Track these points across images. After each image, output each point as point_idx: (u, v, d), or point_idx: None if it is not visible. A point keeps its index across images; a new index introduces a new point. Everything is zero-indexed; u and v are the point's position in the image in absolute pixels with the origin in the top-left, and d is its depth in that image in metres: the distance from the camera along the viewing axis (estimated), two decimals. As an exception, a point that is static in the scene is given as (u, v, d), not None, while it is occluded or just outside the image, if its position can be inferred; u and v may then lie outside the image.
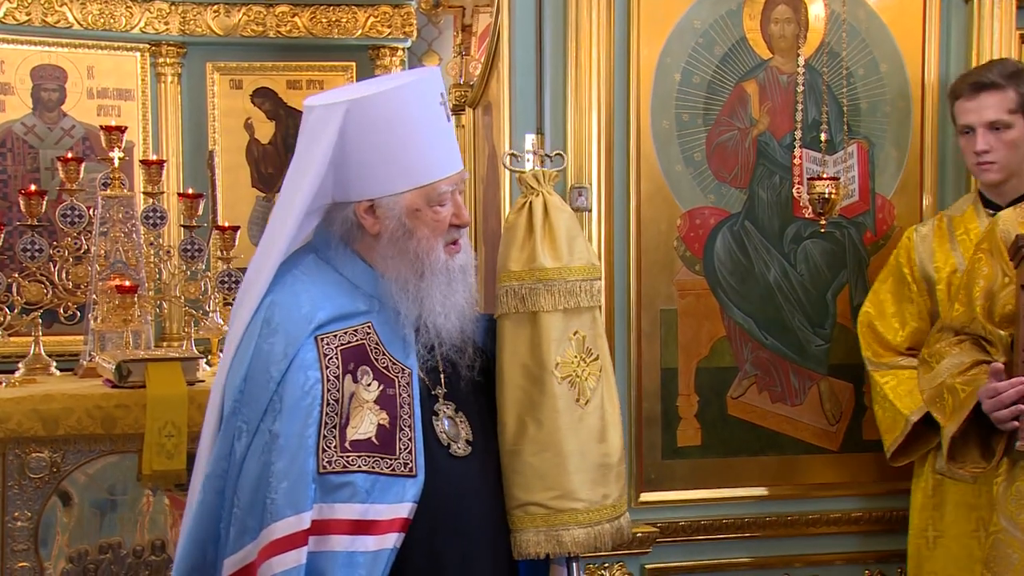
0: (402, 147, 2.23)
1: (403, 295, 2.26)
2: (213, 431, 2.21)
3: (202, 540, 2.16)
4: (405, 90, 2.26)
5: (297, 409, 2.11)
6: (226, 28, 6.97)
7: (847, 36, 3.59)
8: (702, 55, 3.57)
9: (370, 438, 2.16)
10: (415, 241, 2.26)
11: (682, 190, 3.57)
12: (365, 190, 2.24)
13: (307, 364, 2.14)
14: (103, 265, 4.44)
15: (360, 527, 2.12)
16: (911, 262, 3.44)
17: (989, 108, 3.30)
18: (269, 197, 7.07)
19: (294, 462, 2.08)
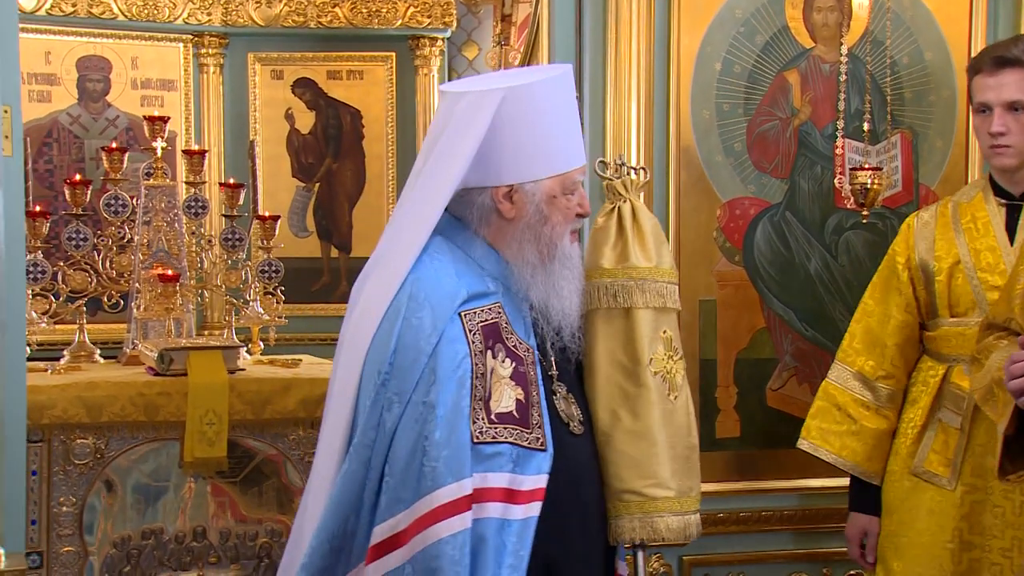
0: (547, 135, 2.32)
1: (533, 279, 2.33)
2: (349, 403, 2.23)
3: (345, 510, 2.18)
4: (555, 82, 2.35)
5: (451, 380, 2.16)
6: (267, 19, 7.01)
7: (891, 24, 3.55)
8: (743, 44, 3.53)
9: (511, 411, 2.22)
10: (549, 227, 2.33)
11: (722, 180, 3.54)
12: (507, 175, 2.31)
13: (455, 338, 2.19)
14: (146, 254, 4.44)
15: (510, 496, 2.19)
16: (908, 249, 3.22)
17: (1010, 86, 3.03)
18: (309, 187, 7.13)
19: (453, 431, 2.13)
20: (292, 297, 5.16)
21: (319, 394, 3.95)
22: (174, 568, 3.88)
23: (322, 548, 2.16)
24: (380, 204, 7.12)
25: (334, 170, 7.17)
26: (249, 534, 3.95)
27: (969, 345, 3.01)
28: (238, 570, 3.93)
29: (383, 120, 7.15)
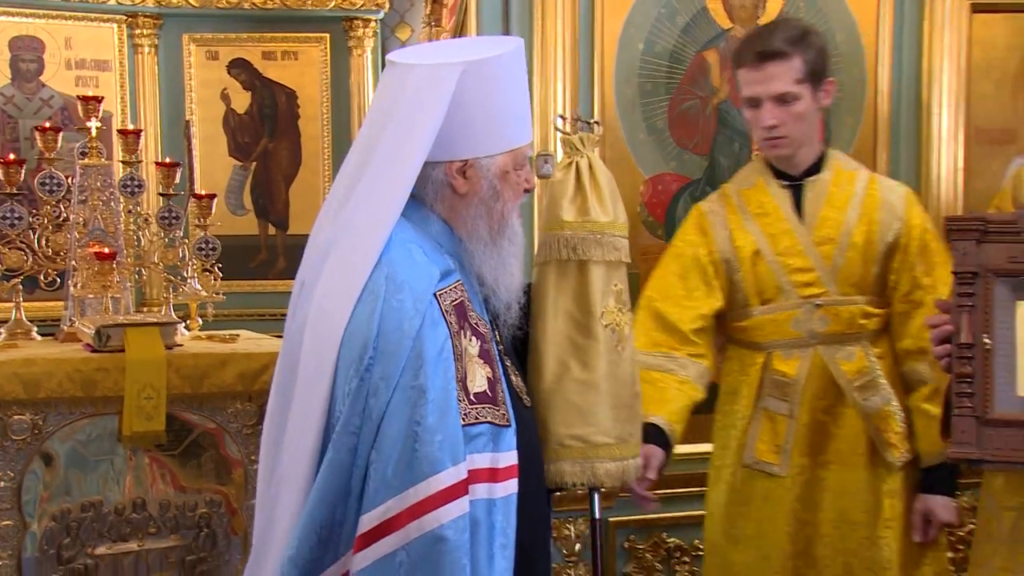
0: (503, 110, 2.24)
1: (485, 256, 2.28)
2: (323, 391, 2.12)
3: (332, 499, 2.08)
4: (511, 56, 2.26)
5: (438, 364, 2.08)
6: (202, 0, 6.93)
7: (804, 6, 3.61)
8: (664, 25, 3.58)
9: (485, 390, 2.16)
10: (501, 203, 2.27)
11: (645, 157, 3.59)
12: (461, 150, 2.23)
13: (436, 320, 2.12)
14: (82, 232, 4.39)
15: (493, 475, 2.14)
16: (708, 243, 3.15)
17: (776, 79, 2.97)
18: (246, 166, 7.08)
19: (445, 415, 2.06)
20: (230, 274, 5.11)
21: (256, 368, 3.97)
22: (113, 539, 3.85)
23: (310, 539, 2.07)
24: (316, 183, 7.09)
25: (270, 149, 7.13)
26: (189, 505, 3.94)
27: (783, 330, 3.05)
28: (178, 540, 3.92)
29: (318, 100, 7.12)
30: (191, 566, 3.95)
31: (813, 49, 2.99)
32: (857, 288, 3.02)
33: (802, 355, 3.06)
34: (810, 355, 3.06)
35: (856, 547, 3.09)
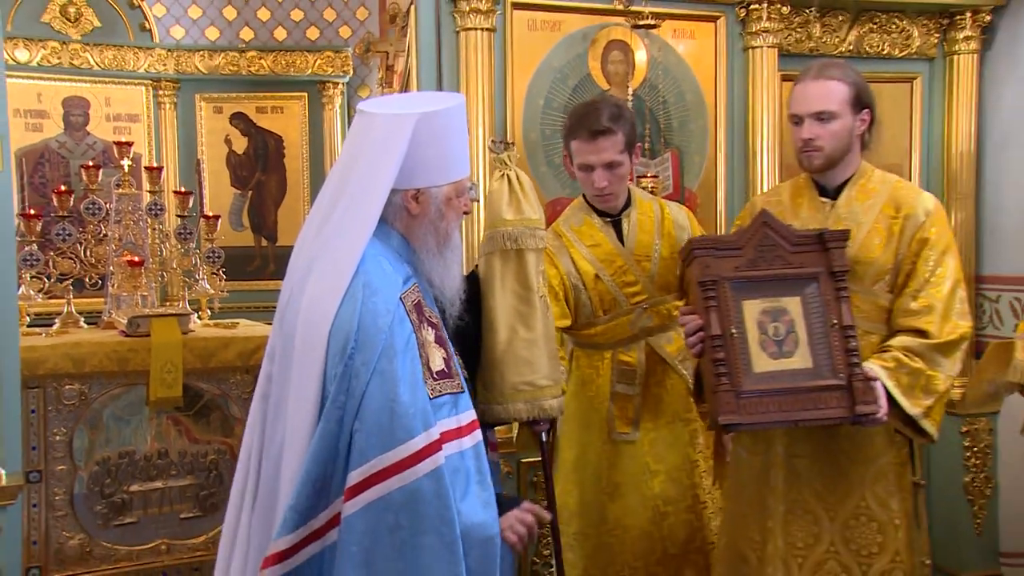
0: (447, 150, 2.19)
1: (434, 264, 2.22)
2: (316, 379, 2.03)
3: (324, 459, 2.00)
4: (458, 108, 2.23)
5: (406, 353, 2.03)
6: (210, 68, 6.91)
7: (662, 74, 3.62)
8: (559, 86, 3.56)
9: (443, 368, 2.12)
10: (445, 223, 2.21)
11: (546, 185, 3.57)
12: (415, 181, 2.16)
13: (402, 319, 2.06)
14: (118, 245, 4.34)
15: (460, 432, 2.10)
16: (559, 272, 2.97)
17: (606, 151, 2.84)
18: (244, 193, 7.04)
19: (414, 392, 2.01)
20: (232, 276, 5.11)
21: (252, 348, 3.93)
22: (143, 480, 3.82)
23: (306, 490, 2.00)
24: (298, 206, 7.07)
25: (263, 181, 7.09)
26: (201, 452, 3.90)
27: (622, 331, 2.99)
28: (193, 479, 3.89)
29: (299, 143, 7.09)
30: (203, 499, 3.90)
31: (628, 123, 2.90)
32: (668, 289, 2.99)
33: (638, 347, 3.02)
34: (643, 346, 3.02)
35: (689, 481, 3.06)
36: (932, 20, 4.00)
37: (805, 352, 2.44)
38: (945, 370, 2.56)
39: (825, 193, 2.70)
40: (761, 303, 2.46)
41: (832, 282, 2.47)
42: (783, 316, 2.45)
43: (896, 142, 4.08)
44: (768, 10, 3.64)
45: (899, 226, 2.61)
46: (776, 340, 2.44)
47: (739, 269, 2.45)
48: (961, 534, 4.07)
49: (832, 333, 2.43)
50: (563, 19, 3.56)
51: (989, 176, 4.09)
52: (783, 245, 2.48)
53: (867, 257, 2.61)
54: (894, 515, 2.63)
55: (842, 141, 2.62)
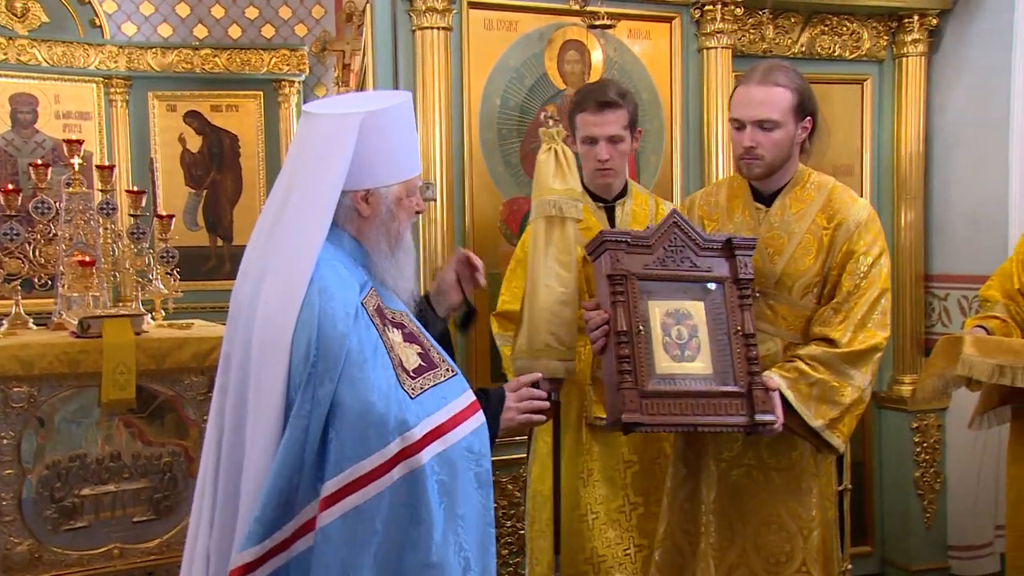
0: (395, 149, 2.13)
1: (387, 266, 2.16)
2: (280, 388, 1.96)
3: (289, 471, 1.94)
4: (403, 106, 2.17)
5: (375, 359, 1.98)
6: (163, 65, 6.83)
7: (618, 74, 3.62)
8: (515, 86, 3.56)
9: (420, 364, 2.07)
10: (396, 223, 2.15)
11: (503, 184, 3.56)
12: (364, 181, 2.10)
13: (366, 325, 2.01)
14: (68, 245, 4.24)
15: (458, 419, 2.05)
16: None
17: (611, 124, 2.90)
18: (198, 193, 6.98)
19: (387, 398, 1.96)
20: (187, 276, 5.05)
21: (207, 349, 3.88)
22: (95, 483, 3.73)
23: (272, 501, 1.94)
24: (254, 205, 7.00)
25: (217, 180, 7.01)
26: (155, 455, 3.83)
27: None
28: (146, 482, 3.81)
29: (255, 142, 7.03)
30: (157, 502, 3.84)
31: (633, 104, 2.98)
32: None
33: None
34: None
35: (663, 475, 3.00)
36: (881, 23, 4.06)
37: (706, 357, 2.42)
38: (854, 381, 2.52)
39: (760, 198, 2.68)
40: (666, 304, 2.44)
41: (736, 289, 2.47)
42: (687, 320, 2.44)
43: (847, 143, 4.13)
44: (722, 11, 3.67)
45: (829, 237, 2.58)
46: (679, 343, 2.42)
47: (648, 267, 2.43)
48: (911, 528, 4.13)
49: (734, 340, 2.43)
50: (519, 19, 3.55)
51: (937, 177, 4.17)
52: (691, 247, 2.48)
53: (796, 269, 2.59)
54: (804, 525, 2.61)
55: (783, 150, 2.58)
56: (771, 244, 2.63)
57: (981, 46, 3.96)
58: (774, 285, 2.62)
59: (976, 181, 4.00)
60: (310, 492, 1.96)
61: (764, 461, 2.64)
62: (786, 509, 2.62)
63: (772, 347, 2.62)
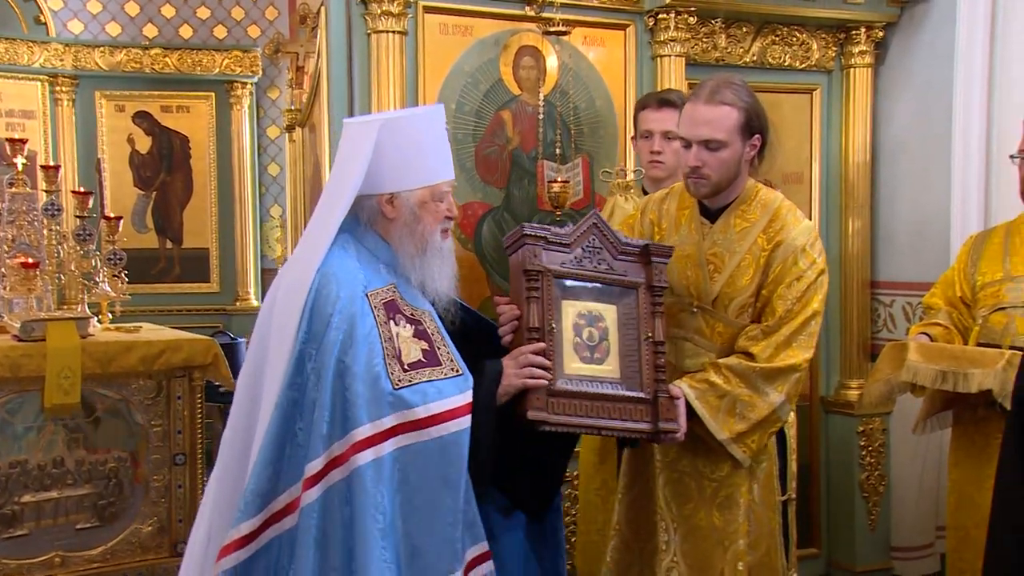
0: (418, 156, 2.24)
1: (413, 266, 2.26)
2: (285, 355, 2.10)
3: (280, 440, 2.08)
4: (421, 116, 2.32)
5: (363, 345, 2.08)
6: (111, 64, 6.70)
7: (573, 80, 3.63)
8: (471, 91, 3.54)
9: (419, 359, 2.15)
10: (422, 225, 2.24)
11: (459, 189, 3.51)
12: (388, 185, 2.22)
13: (365, 313, 2.11)
14: (10, 246, 4.14)
15: (443, 417, 2.10)
16: None
17: (667, 120, 3.08)
18: (147, 194, 6.86)
19: (366, 384, 2.05)
20: (136, 278, 4.99)
21: (155, 352, 3.81)
22: (37, 489, 3.65)
23: (266, 472, 2.06)
24: (204, 206, 6.91)
25: (167, 181, 6.90)
26: (100, 461, 3.77)
27: None
28: (91, 488, 3.75)
29: (206, 143, 6.92)
30: (102, 509, 3.76)
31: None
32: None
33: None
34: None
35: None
36: (830, 34, 4.12)
37: (615, 362, 2.40)
38: (768, 398, 2.50)
39: (707, 213, 2.66)
40: (580, 305, 2.40)
41: (650, 296, 2.45)
42: (599, 322, 2.41)
43: (797, 151, 4.18)
44: (676, 20, 3.69)
45: (766, 258, 2.55)
46: (589, 345, 2.38)
47: (564, 265, 2.39)
48: (856, 529, 4.19)
49: (644, 346, 2.41)
50: (475, 24, 3.54)
51: (884, 186, 4.24)
52: (609, 250, 2.45)
53: (734, 288, 2.58)
54: (725, 536, 2.60)
55: (730, 169, 2.55)
56: (712, 261, 2.61)
57: (925, 59, 4.04)
58: (712, 302, 2.60)
59: (920, 191, 4.07)
60: (300, 466, 2.06)
61: (699, 470, 2.62)
62: (711, 519, 2.61)
63: (706, 361, 2.60)
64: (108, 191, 6.61)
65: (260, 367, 2.17)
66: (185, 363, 3.87)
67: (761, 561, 2.65)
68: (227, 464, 2.20)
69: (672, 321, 2.67)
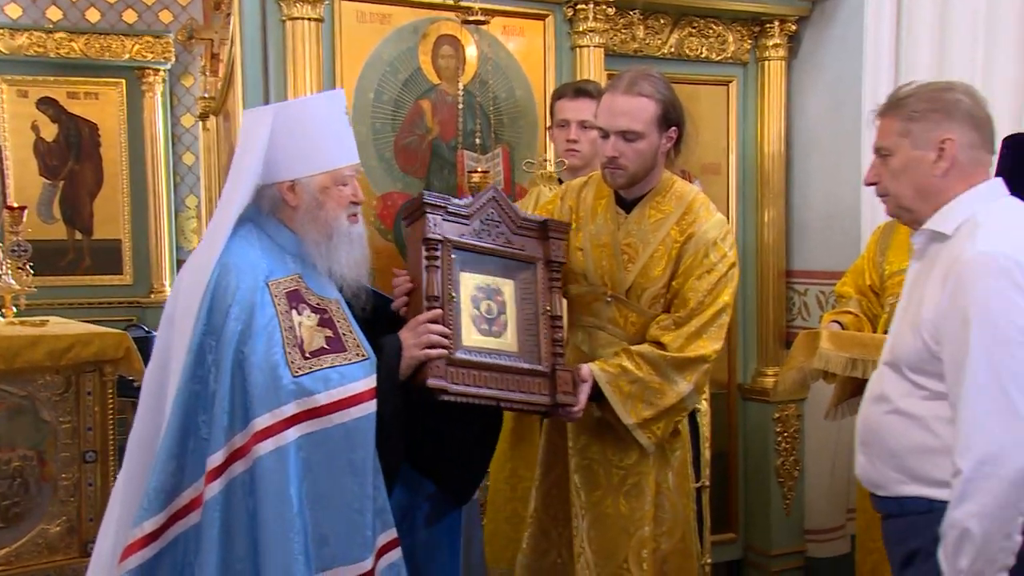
0: (314, 141, 2.22)
1: (317, 252, 2.23)
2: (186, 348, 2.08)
3: (181, 433, 2.05)
4: (314, 101, 2.33)
5: (261, 336, 2.06)
6: (11, 48, 6.44)
7: (492, 70, 3.62)
8: (389, 79, 3.51)
9: (323, 346, 2.13)
10: (325, 211, 2.23)
11: (377, 180, 3.51)
12: (287, 173, 2.21)
13: (265, 303, 2.10)
14: (-95, 238, 3.95)
15: (347, 402, 2.09)
16: None
17: (583, 110, 3.13)
18: (54, 184, 6.65)
19: (264, 374, 2.04)
20: (43, 271, 4.83)
21: (63, 347, 3.69)
22: (-67, 490, 3.52)
23: (168, 467, 2.04)
24: (116, 197, 6.72)
25: (76, 170, 6.68)
26: (3, 460, 3.62)
27: None
28: (-7, 487, 3.62)
29: (117, 131, 6.73)
30: (5, 510, 3.63)
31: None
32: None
33: None
34: None
35: None
36: (745, 27, 4.19)
37: (513, 335, 2.42)
38: (677, 387, 2.53)
39: (623, 203, 2.69)
40: (478, 279, 2.41)
41: (548, 272, 2.48)
42: (497, 296, 2.43)
43: (715, 143, 4.25)
44: (594, 11, 3.71)
45: (678, 250, 2.59)
46: (487, 318, 2.40)
47: (463, 237, 2.39)
48: (772, 514, 4.29)
49: (542, 320, 2.44)
50: (392, 12, 3.50)
51: (797, 177, 4.34)
52: (507, 224, 2.47)
53: (647, 279, 2.61)
54: (630, 523, 2.63)
55: (646, 160, 2.59)
56: (627, 251, 2.65)
57: (835, 53, 4.14)
58: (626, 292, 2.64)
59: (832, 182, 4.18)
60: (202, 459, 2.04)
61: (608, 458, 2.66)
62: (618, 506, 2.64)
63: (619, 349, 2.62)
64: (11, 180, 6.35)
65: (166, 362, 2.14)
66: (96, 357, 3.76)
67: (676, 547, 2.69)
68: (135, 463, 2.15)
69: (587, 310, 2.72)
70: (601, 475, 2.66)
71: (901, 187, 2.09)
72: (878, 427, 2.12)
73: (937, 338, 1.96)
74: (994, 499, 1.83)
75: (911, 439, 2.03)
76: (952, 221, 2.03)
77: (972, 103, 2.05)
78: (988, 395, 1.86)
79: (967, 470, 1.85)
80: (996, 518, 1.84)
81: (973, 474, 1.85)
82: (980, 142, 2.06)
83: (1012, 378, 1.84)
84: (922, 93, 2.07)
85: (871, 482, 2.16)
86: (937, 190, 2.05)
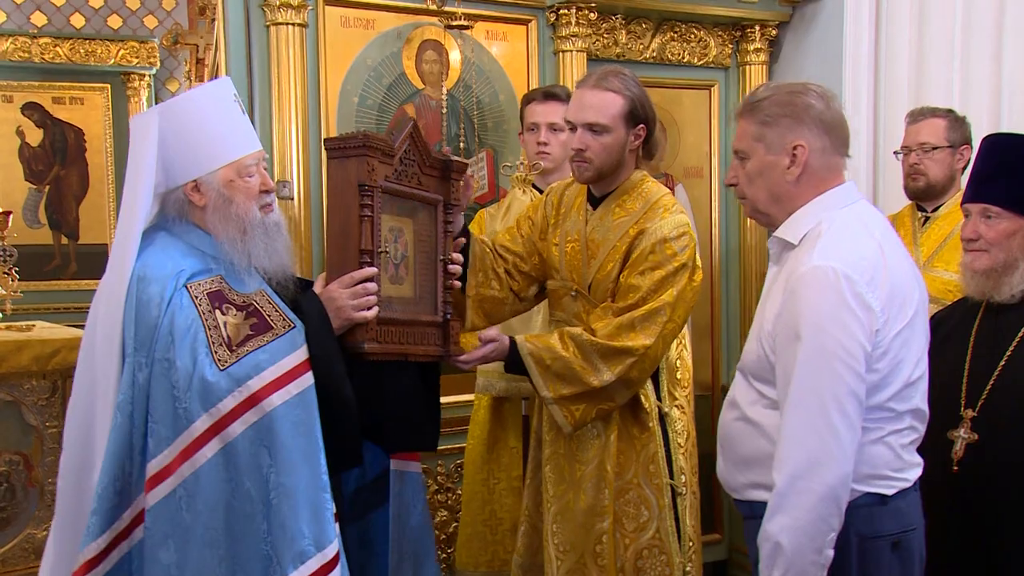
0: (207, 135, 2.14)
1: (235, 249, 2.15)
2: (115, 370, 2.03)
3: (120, 457, 1.99)
4: (198, 93, 2.22)
5: (185, 339, 2.00)
6: None
7: (476, 75, 3.65)
8: (373, 84, 3.54)
9: (248, 334, 2.07)
10: (235, 206, 2.15)
11: (361, 183, 3.52)
12: (187, 173, 2.13)
13: (186, 305, 2.03)
14: None
15: (282, 381, 2.02)
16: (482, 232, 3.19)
17: (553, 113, 3.16)
18: (40, 188, 6.64)
19: (192, 376, 1.98)
20: (29, 276, 4.84)
21: (49, 352, 3.70)
22: (-81, 494, 3.53)
23: (109, 491, 1.98)
24: (102, 202, 6.72)
25: (62, 175, 6.68)
26: (-10, 465, 3.64)
27: None
28: (-20, 493, 3.62)
29: (102, 136, 6.73)
30: (-8, 515, 3.63)
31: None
32: None
33: None
34: None
35: None
36: (726, 32, 4.24)
37: (411, 281, 2.33)
38: (600, 375, 2.51)
39: (593, 199, 2.72)
40: (390, 221, 2.28)
41: (444, 215, 2.40)
42: (400, 237, 2.31)
43: (697, 146, 4.30)
44: (577, 15, 3.75)
45: (627, 245, 2.59)
46: (395, 264, 2.29)
47: (388, 179, 2.24)
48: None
49: (438, 267, 2.38)
50: (376, 17, 3.53)
51: (778, 179, 4.37)
52: (419, 163, 2.35)
53: (603, 275, 2.63)
54: (593, 515, 2.64)
55: (613, 156, 2.59)
56: (590, 247, 2.67)
57: (815, 57, 4.19)
58: (588, 288, 2.67)
59: (813, 184, 4.22)
60: (142, 477, 2.00)
61: (572, 452, 2.68)
62: (579, 500, 2.66)
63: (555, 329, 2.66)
64: (-4, 185, 6.39)
65: (91, 387, 2.08)
66: (81, 362, 3.77)
67: (651, 543, 2.70)
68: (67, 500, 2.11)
69: (557, 305, 2.77)
70: (566, 469, 2.69)
71: (756, 191, 2.07)
72: (729, 432, 2.12)
73: (774, 348, 1.95)
74: (805, 513, 1.82)
75: (755, 446, 2.02)
76: (799, 230, 2.02)
77: (824, 106, 2.02)
78: (807, 410, 1.84)
79: (781, 483, 1.85)
80: (807, 532, 1.82)
81: (786, 488, 1.84)
82: (832, 146, 2.03)
83: (832, 395, 1.83)
84: (776, 96, 2.05)
85: (727, 485, 2.15)
86: (790, 196, 2.03)
